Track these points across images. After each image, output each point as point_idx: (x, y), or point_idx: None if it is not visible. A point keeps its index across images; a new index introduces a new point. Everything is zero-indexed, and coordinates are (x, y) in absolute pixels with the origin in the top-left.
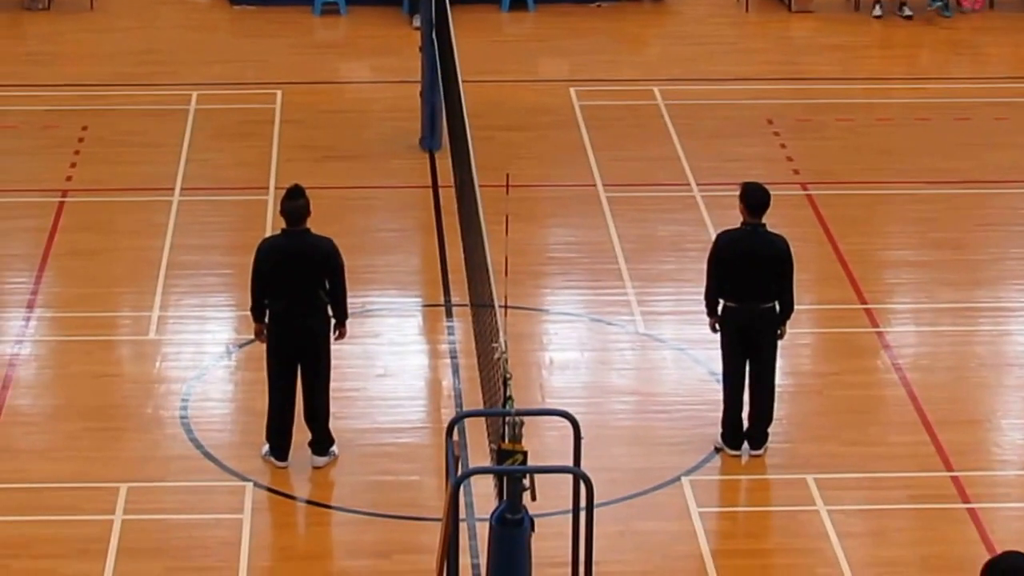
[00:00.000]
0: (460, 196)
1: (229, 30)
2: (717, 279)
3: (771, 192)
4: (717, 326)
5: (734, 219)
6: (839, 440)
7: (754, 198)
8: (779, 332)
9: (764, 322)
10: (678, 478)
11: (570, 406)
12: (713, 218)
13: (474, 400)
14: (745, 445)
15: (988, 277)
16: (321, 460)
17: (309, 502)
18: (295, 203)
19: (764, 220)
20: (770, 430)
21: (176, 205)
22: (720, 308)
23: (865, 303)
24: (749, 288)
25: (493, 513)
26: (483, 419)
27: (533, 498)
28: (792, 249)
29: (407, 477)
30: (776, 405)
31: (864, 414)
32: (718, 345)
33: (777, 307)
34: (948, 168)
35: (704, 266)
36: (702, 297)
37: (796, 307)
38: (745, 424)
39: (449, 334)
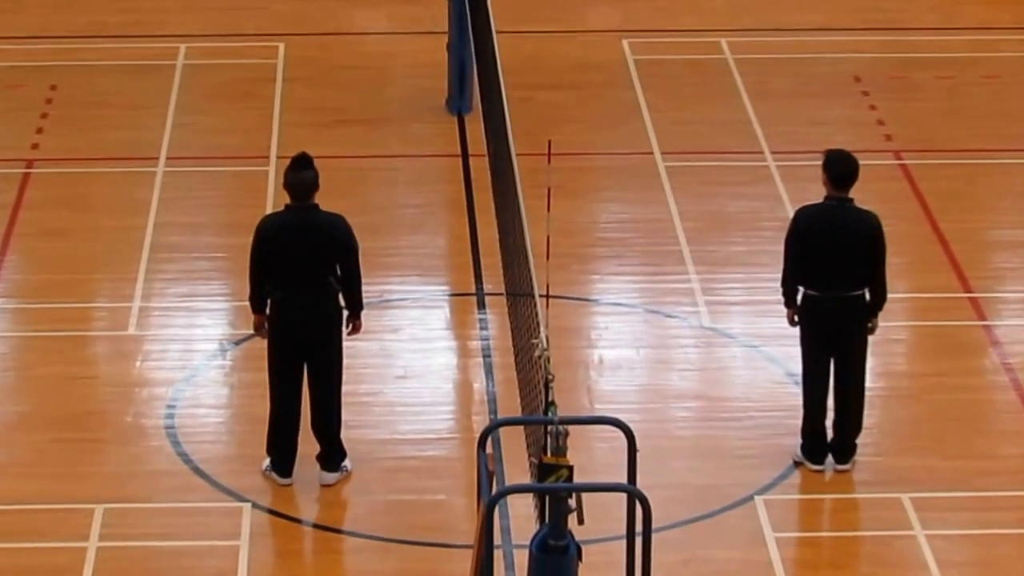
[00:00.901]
0: (494, 167)
1: None
2: (797, 263)
3: (859, 161)
4: (796, 318)
5: (816, 193)
6: (940, 453)
7: (840, 168)
8: (869, 325)
9: (851, 313)
10: (751, 497)
11: (623, 413)
12: (791, 192)
13: (511, 406)
14: (829, 459)
15: None
16: (331, 477)
17: (317, 526)
18: (301, 175)
19: (851, 194)
20: (859, 441)
21: (161, 177)
22: (800, 297)
23: (970, 291)
24: (834, 273)
25: (533, 539)
26: (521, 428)
27: (580, 521)
28: (884, 228)
29: (432, 496)
30: (866, 412)
31: (969, 422)
32: (797, 341)
33: (867, 295)
34: None
35: (781, 248)
36: (778, 284)
37: (889, 296)
38: (829, 434)
39: (481, 328)
